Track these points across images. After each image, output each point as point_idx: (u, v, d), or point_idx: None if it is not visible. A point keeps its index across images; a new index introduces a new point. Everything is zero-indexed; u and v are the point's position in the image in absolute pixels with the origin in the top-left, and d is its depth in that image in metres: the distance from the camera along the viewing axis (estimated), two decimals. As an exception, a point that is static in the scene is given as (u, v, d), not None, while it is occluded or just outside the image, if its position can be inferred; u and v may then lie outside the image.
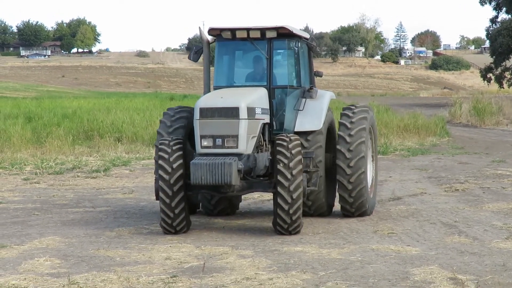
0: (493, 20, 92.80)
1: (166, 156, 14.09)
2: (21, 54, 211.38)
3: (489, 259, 12.62)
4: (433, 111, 58.74)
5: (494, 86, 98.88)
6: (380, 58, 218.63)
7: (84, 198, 20.24)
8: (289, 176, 13.73)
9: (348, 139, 15.69)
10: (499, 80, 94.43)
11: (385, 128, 40.57)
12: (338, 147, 15.90)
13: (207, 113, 14.21)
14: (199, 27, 15.62)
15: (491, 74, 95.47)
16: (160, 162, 14.07)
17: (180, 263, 12.54)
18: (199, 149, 14.35)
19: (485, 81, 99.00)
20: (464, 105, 63.34)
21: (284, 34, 15.30)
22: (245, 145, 14.13)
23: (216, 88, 15.60)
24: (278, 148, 13.96)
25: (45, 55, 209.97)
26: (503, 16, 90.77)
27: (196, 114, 14.42)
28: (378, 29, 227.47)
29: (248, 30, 15.11)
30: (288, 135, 14.35)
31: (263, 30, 15.15)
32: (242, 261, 12.63)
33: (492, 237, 14.48)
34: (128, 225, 15.99)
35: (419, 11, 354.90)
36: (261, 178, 14.65)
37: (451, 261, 12.44)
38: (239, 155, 13.99)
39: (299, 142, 14.34)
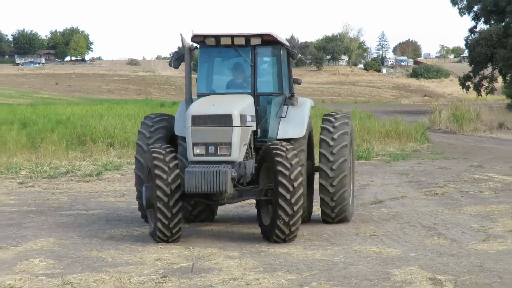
0: (471, 30, 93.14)
1: (162, 165, 13.61)
2: (16, 62, 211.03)
3: (467, 260, 12.68)
4: (413, 118, 58.81)
5: (472, 94, 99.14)
6: (363, 67, 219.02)
7: (77, 201, 20.25)
8: (290, 188, 13.44)
9: (331, 142, 15.58)
10: (477, 88, 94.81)
11: (368, 134, 40.69)
12: (321, 150, 15.79)
13: (199, 120, 13.87)
14: (180, 34, 15.22)
15: (469, 82, 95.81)
16: (156, 171, 13.54)
17: (170, 264, 12.56)
18: (191, 157, 14.00)
19: (464, 89, 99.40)
20: (444, 112, 63.57)
21: (268, 41, 15.10)
22: (238, 153, 13.89)
23: (199, 95, 15.37)
24: (277, 158, 13.59)
25: (39, 63, 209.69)
26: (481, 26, 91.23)
27: (188, 122, 14.02)
28: (361, 38, 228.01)
29: (232, 36, 14.89)
30: (283, 144, 14.06)
31: (247, 37, 14.94)
32: (229, 262, 12.66)
33: (470, 239, 14.53)
34: (120, 227, 16.00)
35: (400, 21, 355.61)
36: (250, 186, 14.44)
37: (430, 262, 12.50)
38: (232, 163, 13.74)
39: (296, 152, 14.12)
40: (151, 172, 13.98)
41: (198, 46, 15.45)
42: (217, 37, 14.89)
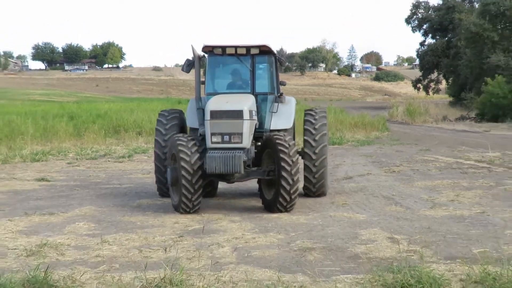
0: (421, 44, 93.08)
1: (186, 150, 13.37)
2: (65, 69, 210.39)
3: (418, 223, 12.70)
4: (376, 112, 58.78)
5: (422, 93, 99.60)
6: (336, 72, 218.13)
7: (113, 177, 20.24)
8: (290, 170, 13.28)
9: (313, 131, 15.46)
10: (426, 89, 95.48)
11: (340, 125, 40.68)
12: (305, 137, 15.62)
13: (216, 115, 13.59)
14: (191, 45, 15.06)
15: (420, 84, 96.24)
16: (181, 155, 13.28)
17: (186, 226, 12.57)
18: (209, 144, 13.65)
19: (416, 89, 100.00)
20: (400, 107, 63.76)
21: (264, 51, 15.01)
22: (247, 141, 13.73)
23: (208, 94, 15.13)
24: (280, 147, 13.42)
25: (83, 69, 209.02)
26: (429, 40, 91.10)
27: (207, 116, 13.69)
28: (335, 50, 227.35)
29: (236, 47, 14.79)
30: (283, 134, 14.01)
31: (248, 48, 14.85)
32: (232, 225, 12.70)
33: (420, 206, 14.54)
34: (146, 198, 15.99)
35: (366, 36, 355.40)
36: (255, 168, 14.21)
37: (389, 225, 12.52)
38: (242, 149, 13.61)
39: (293, 141, 14.00)
40: (175, 156, 13.67)
41: (207, 54, 15.30)
42: (223, 48, 14.78)
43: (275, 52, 15.80)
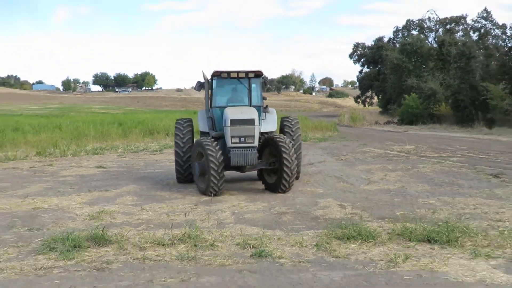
0: (360, 72, 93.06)
1: (212, 148, 12.57)
2: (116, 90, 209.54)
3: (359, 194, 12.72)
4: (329, 119, 58.80)
5: (361, 105, 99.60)
6: (302, 92, 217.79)
7: (149, 165, 20.16)
8: (290, 160, 12.77)
9: (291, 132, 15.02)
10: (364, 102, 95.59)
11: (305, 127, 40.60)
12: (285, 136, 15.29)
13: (235, 122, 12.94)
14: (202, 71, 14.84)
15: (359, 99, 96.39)
16: (209, 152, 12.56)
17: (199, 198, 12.53)
18: (229, 144, 12.98)
19: (357, 103, 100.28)
20: (346, 115, 64.04)
21: (257, 74, 14.45)
22: (257, 142, 13.21)
23: (215, 107, 14.53)
24: (281, 146, 12.90)
25: (128, 91, 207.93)
26: (365, 69, 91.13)
27: (227, 122, 13.00)
28: (301, 76, 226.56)
29: (237, 72, 14.30)
30: (284, 138, 13.29)
31: (247, 73, 14.35)
32: (231, 197, 12.65)
33: (360, 183, 14.56)
34: (172, 179, 15.87)
35: (322, 66, 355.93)
36: (259, 160, 13.54)
37: (338, 196, 12.51)
38: (255, 147, 13.10)
39: (288, 139, 13.34)
40: (202, 154, 13.01)
41: (215, 77, 14.58)
42: (228, 73, 14.26)
43: (264, 75, 15.40)
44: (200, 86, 15.11)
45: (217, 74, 14.30)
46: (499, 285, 6.33)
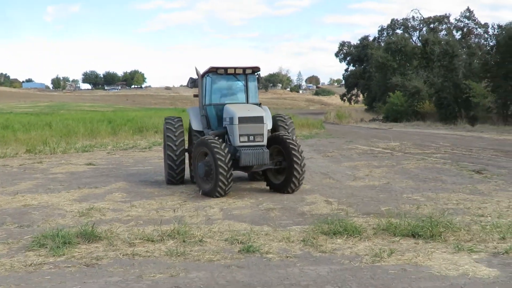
0: (346, 70, 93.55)
1: (219, 146, 11.77)
2: (105, 88, 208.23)
3: (344, 190, 12.76)
4: (316, 116, 59.02)
5: (347, 103, 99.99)
6: (289, 90, 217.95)
7: (138, 162, 20.09)
8: (300, 159, 12.22)
9: (286, 127, 14.28)
10: (349, 100, 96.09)
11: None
12: (281, 132, 14.16)
13: (243, 120, 12.15)
14: (195, 67, 14.13)
15: (345, 97, 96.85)
16: (216, 150, 11.62)
17: (189, 195, 12.50)
18: (237, 143, 12.17)
19: (342, 101, 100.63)
20: (332, 113, 64.44)
21: (254, 70, 13.78)
22: (265, 140, 12.47)
23: (209, 105, 13.46)
24: (291, 145, 12.31)
25: (117, 89, 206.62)
26: (351, 68, 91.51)
27: (235, 120, 12.17)
28: (288, 74, 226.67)
29: (235, 68, 13.53)
30: (292, 136, 12.86)
31: (244, 69, 13.63)
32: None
33: (346, 179, 14.61)
34: (161, 176, 15.84)
35: (309, 65, 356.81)
36: None
37: (325, 192, 12.54)
38: (264, 146, 12.28)
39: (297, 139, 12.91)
40: (206, 153, 12.13)
41: (209, 74, 13.64)
42: (225, 69, 13.48)
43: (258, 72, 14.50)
44: (192, 83, 14.50)
45: (213, 70, 13.50)
46: (481, 278, 6.37)
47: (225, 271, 6.73)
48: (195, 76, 14.51)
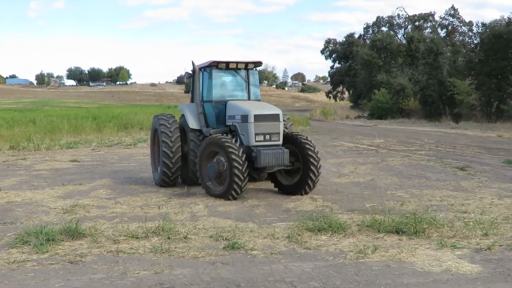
0: (331, 67, 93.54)
1: (234, 146, 11.18)
2: (90, 85, 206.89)
3: (329, 187, 12.81)
4: (302, 113, 59.03)
5: (332, 100, 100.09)
6: (275, 87, 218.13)
7: (123, 158, 19.98)
8: (317, 160, 11.85)
9: (285, 128, 12.97)
10: (335, 97, 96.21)
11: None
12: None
13: (258, 118, 11.51)
14: (192, 61, 13.10)
15: (331, 94, 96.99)
16: (230, 150, 11.00)
17: (173, 191, 12.47)
18: (253, 142, 11.52)
19: (328, 98, 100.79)
20: (317, 110, 64.40)
21: (256, 65, 13.22)
22: (281, 139, 11.79)
23: (206, 101, 12.75)
24: (306, 146, 11.81)
25: (102, 85, 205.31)
26: (336, 65, 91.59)
27: (251, 119, 11.47)
28: (274, 71, 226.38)
29: (237, 63, 12.75)
30: (307, 137, 12.26)
31: (246, 63, 12.79)
32: (204, 191, 12.54)
33: (331, 176, 14.66)
34: (146, 173, 15.76)
35: (295, 62, 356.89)
36: None
37: (310, 189, 12.55)
38: (278, 145, 11.69)
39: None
40: (216, 153, 11.52)
41: (208, 68, 12.78)
42: (227, 63, 12.67)
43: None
44: (188, 78, 13.90)
45: (214, 64, 12.65)
46: (464, 274, 6.44)
47: (210, 268, 6.72)
48: (190, 71, 13.77)
